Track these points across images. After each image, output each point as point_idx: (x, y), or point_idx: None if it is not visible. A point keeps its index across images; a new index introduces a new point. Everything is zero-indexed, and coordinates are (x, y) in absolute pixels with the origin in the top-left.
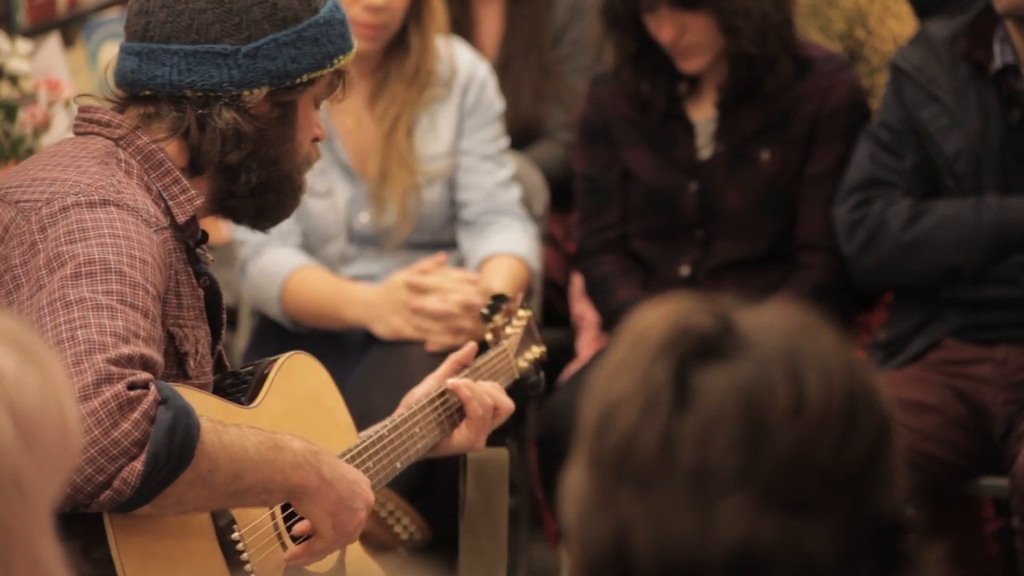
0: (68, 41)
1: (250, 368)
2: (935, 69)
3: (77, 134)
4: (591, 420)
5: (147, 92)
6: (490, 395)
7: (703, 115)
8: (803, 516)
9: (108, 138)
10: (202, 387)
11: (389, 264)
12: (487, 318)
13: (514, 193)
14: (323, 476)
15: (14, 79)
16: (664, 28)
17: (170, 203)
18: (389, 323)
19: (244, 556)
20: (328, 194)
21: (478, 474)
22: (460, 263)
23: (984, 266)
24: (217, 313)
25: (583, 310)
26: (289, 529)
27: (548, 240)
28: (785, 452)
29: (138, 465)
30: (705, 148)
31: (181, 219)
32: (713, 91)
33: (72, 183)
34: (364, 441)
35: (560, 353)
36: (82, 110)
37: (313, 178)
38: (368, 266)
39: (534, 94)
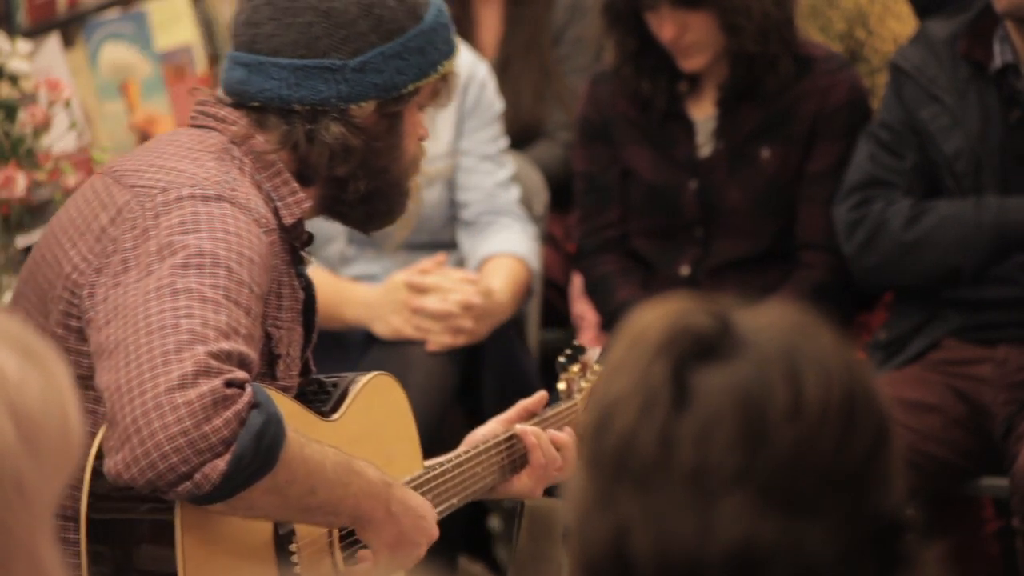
0: (68, 41)
1: (335, 379)
2: (935, 69)
3: (193, 125)
4: (590, 420)
5: (255, 103)
6: (559, 443)
7: (703, 113)
8: (802, 516)
9: (223, 134)
10: (286, 391)
11: (389, 264)
12: (563, 367)
13: (514, 193)
14: (391, 509)
15: (14, 79)
16: (665, 26)
17: (278, 204)
18: (389, 323)
19: (297, 569)
20: None
21: (532, 522)
22: (460, 263)
23: (984, 266)
24: (312, 317)
25: (583, 310)
26: (343, 547)
27: (548, 240)
28: (784, 452)
29: (221, 463)
30: (705, 146)
31: (288, 220)
32: (713, 90)
33: (189, 175)
34: (427, 472)
35: (560, 353)
36: (199, 103)
37: None
38: (368, 266)
39: (534, 94)
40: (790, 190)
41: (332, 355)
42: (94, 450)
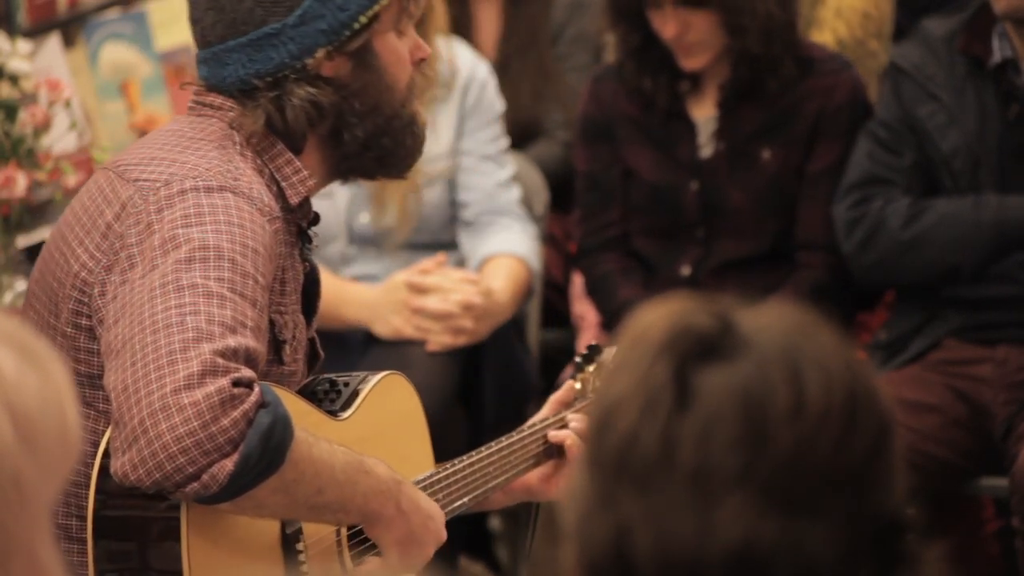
0: (68, 41)
1: (346, 378)
2: (933, 67)
3: (192, 115)
4: (591, 420)
5: (224, 94)
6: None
7: (704, 114)
8: (803, 516)
9: (222, 121)
10: (293, 374)
11: (389, 264)
12: (580, 367)
13: (514, 193)
14: (401, 507)
15: (14, 79)
16: (668, 25)
17: (283, 184)
18: (390, 323)
19: (304, 568)
20: (328, 194)
21: (549, 525)
22: (460, 263)
23: (983, 264)
24: (314, 298)
25: (583, 310)
26: (351, 547)
27: (548, 240)
28: (785, 452)
29: (229, 464)
30: (706, 147)
31: (294, 200)
32: (715, 90)
33: (191, 166)
34: (439, 472)
35: (560, 353)
36: (196, 92)
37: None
38: (368, 266)
39: (533, 93)
40: (791, 190)
41: (332, 355)
42: (102, 448)
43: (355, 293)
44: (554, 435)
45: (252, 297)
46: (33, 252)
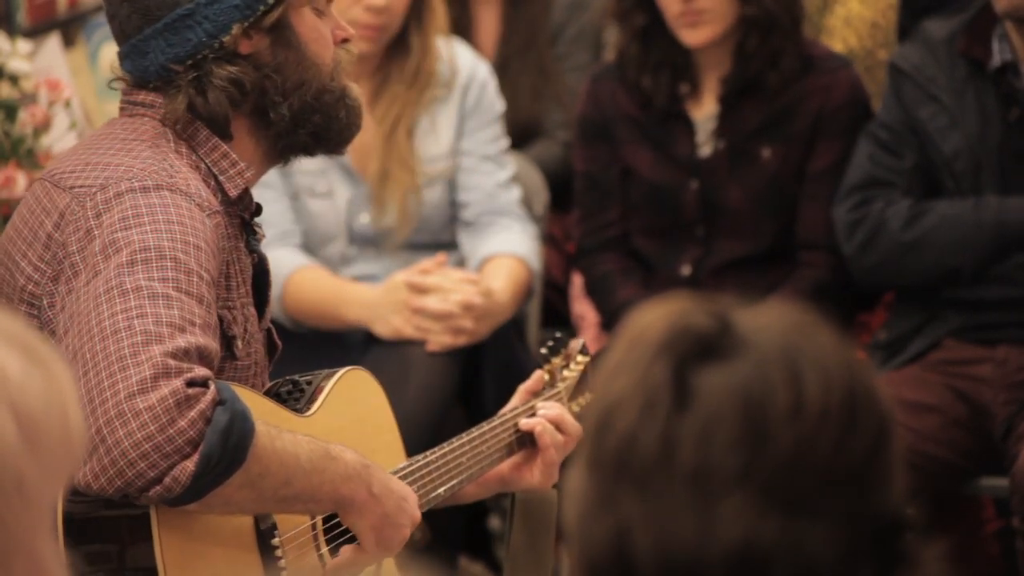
0: (68, 41)
1: (308, 377)
2: (934, 69)
3: (123, 115)
4: (590, 421)
5: (149, 86)
6: (561, 425)
7: (703, 112)
8: (803, 516)
9: (154, 118)
10: (249, 367)
11: (389, 265)
12: (546, 358)
13: (514, 194)
14: (372, 490)
15: (14, 79)
16: None
17: (221, 178)
18: (390, 323)
19: (281, 563)
20: (328, 195)
21: (526, 514)
22: (460, 263)
23: (984, 266)
24: (264, 289)
25: (583, 310)
26: (328, 539)
27: (548, 240)
28: (785, 452)
29: (190, 464)
30: (705, 146)
31: (233, 193)
32: (715, 87)
33: (125, 168)
34: (411, 464)
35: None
36: (124, 92)
37: (313, 179)
38: (368, 266)
39: (532, 94)
40: (791, 189)
41: (332, 355)
42: None
43: (355, 293)
44: (525, 423)
45: (198, 294)
46: None
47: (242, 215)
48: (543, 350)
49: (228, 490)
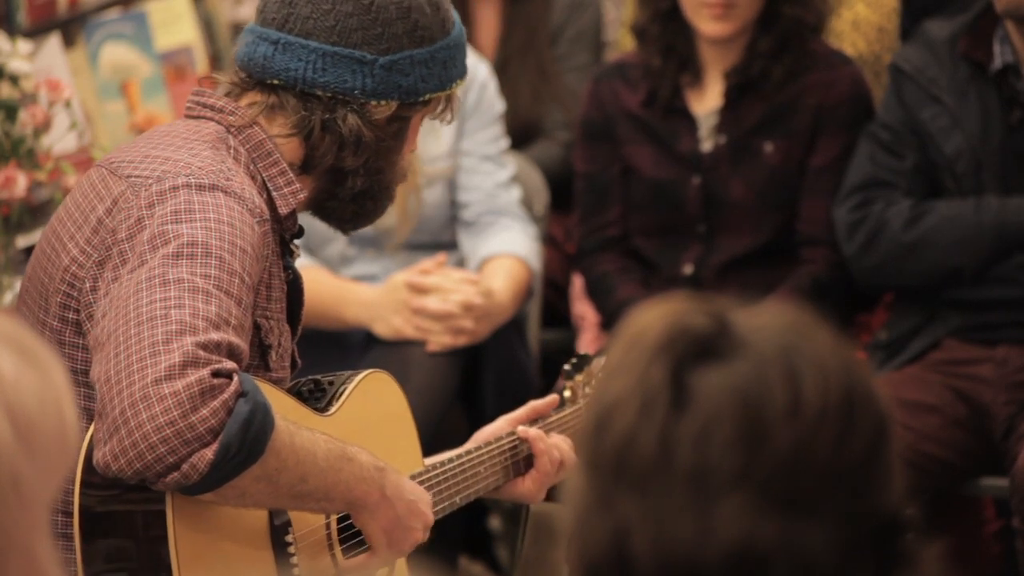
0: (68, 41)
1: (331, 377)
2: (935, 70)
3: (188, 117)
4: (589, 421)
5: (276, 82)
6: (559, 449)
7: (704, 108)
8: (802, 516)
9: (219, 124)
10: (279, 381)
11: (389, 265)
12: (569, 375)
13: (514, 194)
14: (385, 493)
15: (14, 79)
16: None
17: (274, 193)
18: (390, 323)
19: (294, 560)
20: None
21: (537, 528)
22: (460, 264)
23: (985, 266)
24: (297, 308)
25: (583, 310)
26: (341, 540)
27: (548, 240)
28: (783, 452)
29: (209, 453)
30: (707, 141)
31: (283, 211)
32: (717, 82)
33: (184, 164)
34: (429, 470)
35: (560, 353)
36: (195, 93)
37: None
38: (368, 267)
39: (532, 94)
40: (793, 184)
41: (332, 355)
42: (86, 443)
43: (355, 293)
44: (522, 430)
45: (238, 296)
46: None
47: (283, 234)
48: (567, 366)
49: (244, 482)
